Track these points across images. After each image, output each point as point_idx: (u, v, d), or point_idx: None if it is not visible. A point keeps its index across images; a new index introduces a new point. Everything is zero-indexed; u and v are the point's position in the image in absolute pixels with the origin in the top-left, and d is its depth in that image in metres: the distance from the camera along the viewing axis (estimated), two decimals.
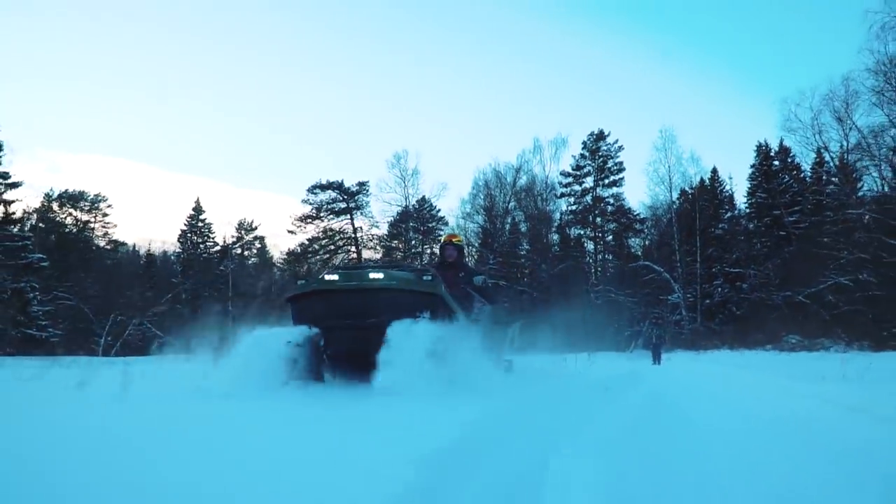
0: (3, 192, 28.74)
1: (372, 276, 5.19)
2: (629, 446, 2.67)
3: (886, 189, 26.38)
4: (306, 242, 38.24)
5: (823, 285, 23.55)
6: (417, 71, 64.19)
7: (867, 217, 23.72)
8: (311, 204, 38.44)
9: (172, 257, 45.42)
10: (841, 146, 29.26)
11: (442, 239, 7.51)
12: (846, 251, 22.61)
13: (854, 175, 28.69)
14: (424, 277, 5.32)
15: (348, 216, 38.67)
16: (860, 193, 28.39)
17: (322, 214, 38.45)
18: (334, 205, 38.58)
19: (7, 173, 29.20)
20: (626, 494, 1.96)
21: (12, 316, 25.80)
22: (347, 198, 38.16)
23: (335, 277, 5.32)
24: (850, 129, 27.58)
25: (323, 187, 37.78)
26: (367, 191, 38.39)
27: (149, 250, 46.25)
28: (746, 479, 2.11)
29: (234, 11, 67.61)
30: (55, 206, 43.32)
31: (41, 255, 28.60)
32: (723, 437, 2.92)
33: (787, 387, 5.19)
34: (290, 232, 37.65)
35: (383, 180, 38.87)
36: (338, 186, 37.76)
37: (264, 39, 68.92)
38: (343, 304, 5.20)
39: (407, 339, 4.48)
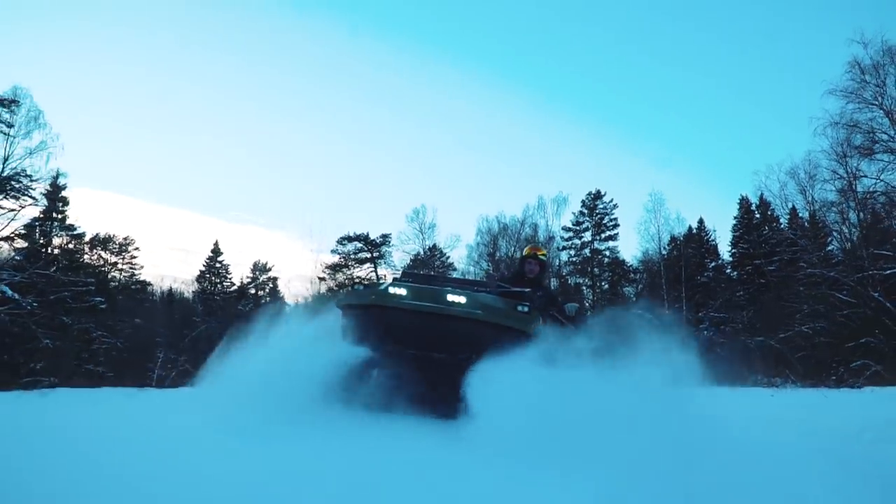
0: (69, 242, 32.42)
1: (451, 297, 4.19)
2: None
3: (837, 250, 30.07)
4: (335, 288, 41.28)
5: (791, 332, 26.97)
6: (432, 135, 68.86)
7: (830, 273, 27.13)
8: (339, 254, 41.71)
9: (190, 296, 48.55)
10: (808, 210, 33.11)
11: (524, 251, 6.15)
12: (807, 304, 26.20)
13: (823, 232, 32.30)
14: (520, 307, 4.22)
15: (372, 265, 41.82)
16: (829, 248, 31.96)
17: (349, 263, 41.69)
18: (359, 255, 41.85)
19: (73, 226, 32.83)
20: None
21: (78, 353, 29.21)
22: (371, 248, 41.47)
23: (403, 292, 4.31)
24: (812, 199, 31.39)
25: (350, 239, 41.15)
26: (390, 242, 41.65)
27: (170, 290, 49.74)
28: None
29: (261, 72, 71.84)
30: (86, 248, 46.76)
31: (100, 298, 32.00)
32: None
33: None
34: (320, 279, 40.80)
35: (403, 232, 41.62)
36: (363, 238, 41.13)
37: (295, 103, 72.69)
38: (408, 327, 4.21)
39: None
